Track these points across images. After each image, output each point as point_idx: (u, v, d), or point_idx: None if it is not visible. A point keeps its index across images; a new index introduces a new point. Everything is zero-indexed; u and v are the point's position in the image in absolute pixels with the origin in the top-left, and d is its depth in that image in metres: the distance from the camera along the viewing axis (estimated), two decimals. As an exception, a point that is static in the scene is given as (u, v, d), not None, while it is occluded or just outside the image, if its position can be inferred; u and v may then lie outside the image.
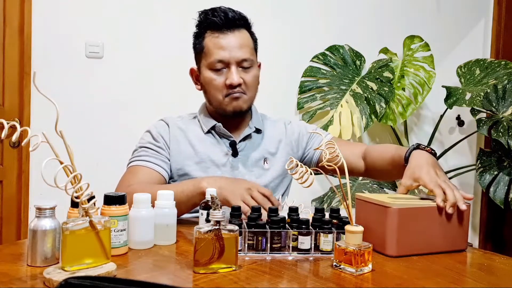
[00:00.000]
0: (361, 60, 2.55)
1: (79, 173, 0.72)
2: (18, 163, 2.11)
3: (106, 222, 0.77)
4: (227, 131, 1.33)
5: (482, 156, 2.51)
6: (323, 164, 0.87)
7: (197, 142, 1.33)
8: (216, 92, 1.29)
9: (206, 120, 1.36)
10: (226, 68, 1.28)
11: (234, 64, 1.27)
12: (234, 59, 1.27)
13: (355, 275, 0.79)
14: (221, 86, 1.28)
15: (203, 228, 0.78)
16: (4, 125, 0.66)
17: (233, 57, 1.27)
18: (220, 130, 1.34)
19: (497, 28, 2.82)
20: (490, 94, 2.34)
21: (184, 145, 1.33)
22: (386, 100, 2.38)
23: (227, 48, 1.27)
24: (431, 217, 0.93)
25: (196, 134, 1.35)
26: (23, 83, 2.09)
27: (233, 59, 1.27)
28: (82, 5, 2.15)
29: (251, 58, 1.30)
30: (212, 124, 1.34)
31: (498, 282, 0.81)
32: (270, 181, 1.34)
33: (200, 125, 1.36)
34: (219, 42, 1.28)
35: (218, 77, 1.28)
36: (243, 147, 1.35)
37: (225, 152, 1.33)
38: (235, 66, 1.27)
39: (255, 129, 1.37)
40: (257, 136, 1.38)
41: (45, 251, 0.78)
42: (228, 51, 1.27)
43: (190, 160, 1.31)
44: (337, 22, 2.57)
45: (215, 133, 1.35)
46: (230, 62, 1.27)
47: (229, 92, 1.28)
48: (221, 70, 1.28)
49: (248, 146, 1.36)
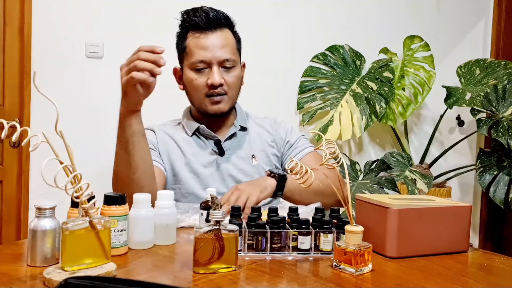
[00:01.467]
0: (361, 60, 2.55)
1: (79, 173, 0.72)
2: (18, 163, 2.11)
3: (106, 222, 0.77)
4: (211, 132, 1.34)
5: (482, 156, 2.51)
6: (323, 163, 0.87)
7: (184, 144, 1.35)
8: (197, 92, 1.30)
9: (190, 124, 1.37)
10: (208, 68, 1.28)
11: (216, 64, 1.28)
12: (215, 59, 1.27)
13: (355, 275, 0.79)
14: (202, 86, 1.29)
15: (203, 228, 0.78)
16: (4, 125, 0.66)
17: (215, 57, 1.27)
18: (204, 132, 1.34)
19: (497, 28, 2.82)
20: (490, 94, 2.34)
21: (171, 146, 1.35)
22: (386, 100, 2.37)
23: (209, 48, 1.27)
24: (432, 218, 0.93)
25: (182, 138, 1.36)
26: (23, 83, 2.09)
27: (215, 59, 1.27)
28: (82, 5, 2.15)
29: (233, 58, 1.30)
30: (196, 127, 1.35)
31: (498, 282, 0.81)
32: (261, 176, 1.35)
33: (185, 129, 1.37)
34: (200, 42, 1.28)
35: (200, 77, 1.29)
36: (229, 146, 1.36)
37: (210, 152, 1.34)
38: (216, 66, 1.28)
39: (240, 127, 1.38)
40: (243, 134, 1.39)
41: (45, 251, 0.78)
42: (209, 51, 1.27)
43: (179, 161, 1.33)
44: (337, 22, 2.57)
45: (199, 134, 1.36)
46: (212, 62, 1.27)
47: (210, 92, 1.28)
48: (202, 70, 1.28)
49: (234, 144, 1.36)
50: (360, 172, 2.47)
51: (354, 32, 2.58)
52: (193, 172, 1.32)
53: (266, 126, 1.44)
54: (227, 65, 1.29)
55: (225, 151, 1.35)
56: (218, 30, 1.29)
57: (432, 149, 2.66)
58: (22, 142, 0.68)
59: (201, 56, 1.27)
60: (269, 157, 1.39)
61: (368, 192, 2.22)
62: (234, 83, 1.32)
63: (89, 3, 2.16)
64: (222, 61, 1.28)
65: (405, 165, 2.39)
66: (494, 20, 2.83)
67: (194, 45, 1.28)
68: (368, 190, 2.24)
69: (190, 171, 1.32)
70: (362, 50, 2.55)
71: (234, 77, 1.31)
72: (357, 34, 2.59)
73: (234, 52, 1.32)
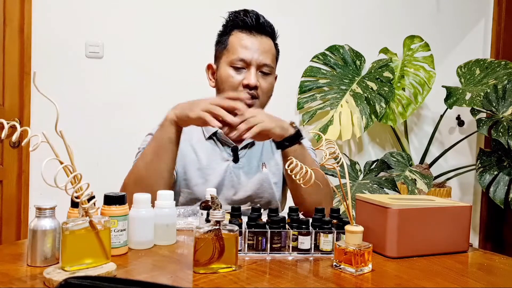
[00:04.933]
0: (361, 60, 2.55)
1: (79, 173, 0.72)
2: (18, 163, 2.11)
3: (106, 222, 0.77)
4: (228, 139, 1.32)
5: (482, 156, 2.51)
6: (323, 163, 0.87)
7: (199, 148, 1.33)
8: (230, 89, 1.28)
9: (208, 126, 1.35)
10: (246, 68, 1.28)
11: (255, 66, 1.27)
12: (255, 61, 1.27)
13: (355, 275, 0.79)
14: (237, 84, 1.27)
15: (203, 228, 0.78)
16: (4, 125, 0.66)
17: (255, 59, 1.27)
18: (222, 137, 1.33)
19: (497, 28, 2.82)
20: (490, 94, 2.34)
21: (186, 149, 1.32)
22: (386, 100, 2.38)
23: (251, 49, 1.27)
24: (432, 218, 0.93)
25: (198, 139, 1.35)
26: (23, 83, 2.09)
27: (255, 61, 1.27)
28: (82, 5, 2.15)
29: (271, 65, 1.30)
30: (214, 131, 1.33)
31: (498, 282, 0.81)
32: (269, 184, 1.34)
33: (202, 130, 1.36)
34: (245, 41, 1.28)
35: (236, 75, 1.28)
36: (244, 154, 1.34)
37: (225, 158, 1.33)
38: (254, 68, 1.27)
39: None
40: (259, 143, 1.38)
41: (45, 251, 0.78)
42: (251, 52, 1.27)
43: (192, 165, 1.31)
44: (337, 22, 2.57)
45: (216, 139, 1.34)
46: (251, 63, 1.27)
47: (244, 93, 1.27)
48: (240, 69, 1.28)
49: (249, 153, 1.35)
50: (360, 172, 2.47)
51: (354, 32, 2.58)
52: (205, 178, 1.30)
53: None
54: (264, 70, 1.29)
55: (240, 158, 1.33)
56: (264, 36, 1.30)
57: (432, 149, 2.66)
58: (22, 142, 0.68)
59: (243, 54, 1.27)
60: (278, 165, 1.38)
61: (368, 192, 2.22)
62: (267, 90, 1.31)
63: (89, 3, 2.16)
64: (261, 65, 1.28)
65: (405, 165, 2.39)
66: (494, 20, 2.83)
67: (237, 43, 1.28)
68: (368, 190, 2.24)
69: (202, 176, 1.30)
70: (362, 50, 2.55)
71: (269, 84, 1.31)
72: (357, 34, 2.59)
73: (273, 60, 1.32)
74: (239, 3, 1.57)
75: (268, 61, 1.29)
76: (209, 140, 1.34)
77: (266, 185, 1.33)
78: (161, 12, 2.27)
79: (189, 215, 1.13)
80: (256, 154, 1.36)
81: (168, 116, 1.15)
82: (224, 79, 1.29)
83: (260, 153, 1.36)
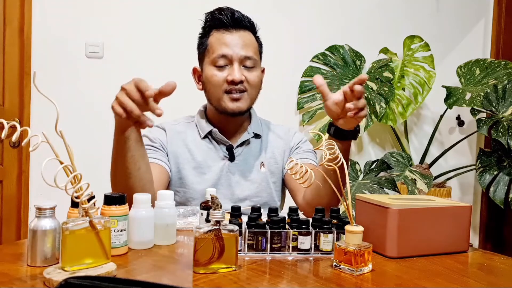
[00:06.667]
0: (361, 60, 2.55)
1: (79, 173, 0.72)
2: (18, 163, 2.11)
3: (106, 222, 0.77)
4: (223, 137, 1.32)
5: (482, 156, 2.51)
6: (322, 163, 0.87)
7: (194, 147, 1.33)
8: (216, 88, 1.27)
9: (203, 125, 1.34)
10: (229, 65, 1.27)
11: (237, 61, 1.26)
12: (237, 55, 1.26)
13: (355, 275, 0.79)
14: (221, 82, 1.26)
15: (203, 228, 0.78)
16: (4, 125, 0.66)
17: (236, 54, 1.26)
18: (217, 136, 1.33)
19: (497, 28, 2.82)
20: (490, 94, 2.34)
21: (181, 149, 1.32)
22: (386, 100, 2.38)
23: (231, 45, 1.26)
24: (432, 218, 0.93)
25: (193, 138, 1.34)
26: (23, 83, 2.09)
27: (236, 56, 1.26)
28: (82, 5, 2.15)
29: (254, 57, 1.29)
30: (209, 130, 1.33)
31: (498, 282, 0.81)
32: (268, 183, 1.34)
33: (197, 129, 1.36)
34: (223, 38, 1.27)
35: (220, 73, 1.27)
36: (241, 152, 1.34)
37: (221, 157, 1.32)
38: (237, 63, 1.26)
39: (253, 134, 1.35)
40: (256, 141, 1.37)
41: (45, 251, 0.78)
42: (231, 48, 1.26)
43: (187, 164, 1.31)
44: (337, 22, 2.57)
45: (211, 138, 1.34)
46: (233, 59, 1.26)
47: (230, 89, 1.26)
48: (223, 67, 1.26)
49: (245, 151, 1.34)
50: (360, 172, 2.47)
51: (354, 32, 2.58)
52: (201, 177, 1.30)
53: (279, 133, 1.41)
54: (248, 64, 1.28)
55: (236, 157, 1.33)
56: (242, 30, 1.29)
57: (432, 149, 2.66)
58: (22, 142, 0.68)
59: (223, 51, 1.26)
60: (277, 165, 1.37)
61: (368, 192, 2.22)
62: (255, 82, 1.30)
63: (89, 3, 2.16)
64: (244, 59, 1.27)
65: (405, 165, 2.39)
66: (494, 20, 2.83)
67: (216, 41, 1.28)
68: (368, 190, 2.24)
69: (198, 175, 1.30)
70: (362, 50, 2.55)
71: (255, 77, 1.29)
72: (357, 34, 2.59)
73: (255, 52, 1.31)
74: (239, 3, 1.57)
75: (250, 53, 1.27)
76: (204, 139, 1.34)
77: (264, 184, 1.33)
78: (161, 12, 2.27)
79: (189, 215, 1.13)
80: (253, 153, 1.35)
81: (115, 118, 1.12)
82: (209, 79, 1.28)
83: (258, 152, 1.36)
